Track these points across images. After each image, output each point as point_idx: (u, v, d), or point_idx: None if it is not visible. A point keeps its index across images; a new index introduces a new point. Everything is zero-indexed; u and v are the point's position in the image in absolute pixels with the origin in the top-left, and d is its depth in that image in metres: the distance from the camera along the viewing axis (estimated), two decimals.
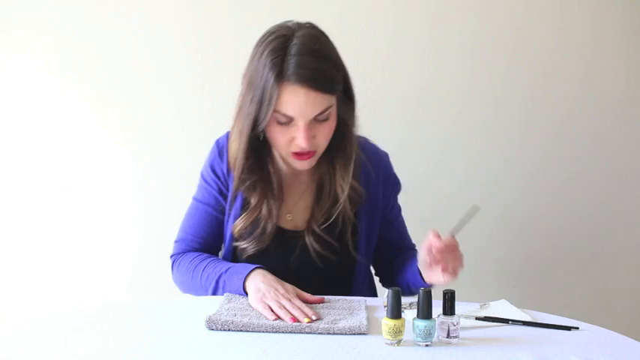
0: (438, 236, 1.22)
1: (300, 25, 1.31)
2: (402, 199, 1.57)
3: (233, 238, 1.44)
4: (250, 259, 1.42)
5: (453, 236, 1.23)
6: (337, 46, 1.35)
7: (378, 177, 1.48)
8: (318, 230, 1.40)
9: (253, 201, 1.40)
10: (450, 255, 1.22)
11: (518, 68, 2.12)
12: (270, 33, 1.31)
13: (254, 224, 1.41)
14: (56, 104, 2.13)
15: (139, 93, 2.13)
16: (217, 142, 1.50)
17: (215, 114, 2.12)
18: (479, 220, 1.27)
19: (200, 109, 2.12)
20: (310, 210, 1.43)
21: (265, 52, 1.27)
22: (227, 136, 1.48)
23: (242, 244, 1.42)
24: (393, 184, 1.52)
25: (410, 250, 1.53)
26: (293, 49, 1.25)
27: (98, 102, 2.13)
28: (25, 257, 2.19)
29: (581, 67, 2.13)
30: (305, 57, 1.25)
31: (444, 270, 1.22)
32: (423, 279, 1.33)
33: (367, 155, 1.47)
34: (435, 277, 1.26)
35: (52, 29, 2.10)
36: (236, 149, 1.39)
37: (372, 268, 1.59)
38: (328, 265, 1.42)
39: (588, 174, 2.17)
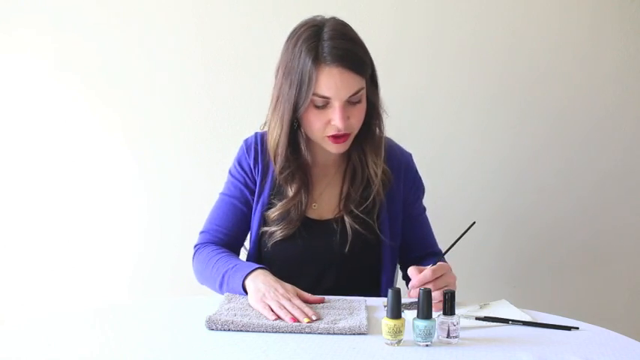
0: (418, 270, 1.27)
1: (326, 18, 1.41)
2: None
3: (263, 223, 1.49)
4: (276, 246, 1.47)
5: (437, 262, 1.28)
6: None
7: (400, 166, 1.53)
8: (356, 211, 1.46)
9: (292, 190, 1.46)
10: (431, 285, 1.25)
11: (516, 68, 2.12)
12: (300, 26, 1.40)
13: (287, 211, 1.47)
14: (56, 104, 2.13)
15: (140, 93, 2.13)
16: (245, 141, 1.56)
17: (215, 114, 2.12)
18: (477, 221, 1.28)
19: (200, 109, 2.13)
20: (338, 197, 1.49)
21: (300, 42, 1.36)
22: (255, 135, 1.55)
23: (272, 228, 1.47)
24: (413, 180, 1.57)
25: (433, 256, 1.53)
26: (325, 35, 1.35)
27: (98, 102, 2.14)
28: (26, 257, 2.19)
29: (581, 67, 2.12)
30: (337, 40, 1.34)
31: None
32: None
33: (391, 149, 1.54)
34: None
35: (52, 29, 2.10)
36: (277, 137, 1.44)
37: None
38: (353, 253, 1.46)
39: (588, 173, 2.17)
